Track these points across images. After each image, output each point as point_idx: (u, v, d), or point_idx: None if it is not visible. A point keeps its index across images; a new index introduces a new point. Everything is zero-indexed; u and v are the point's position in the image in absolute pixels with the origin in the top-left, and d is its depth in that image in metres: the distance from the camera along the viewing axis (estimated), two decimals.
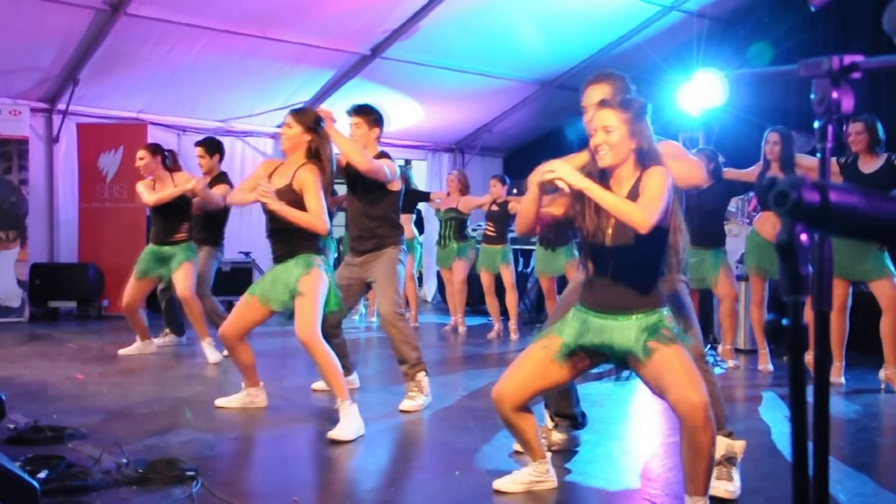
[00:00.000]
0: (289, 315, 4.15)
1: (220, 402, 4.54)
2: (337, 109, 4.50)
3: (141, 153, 6.16)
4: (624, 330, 2.78)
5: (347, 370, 4.72)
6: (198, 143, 6.57)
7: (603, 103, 2.83)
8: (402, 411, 4.46)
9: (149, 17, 7.57)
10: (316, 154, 4.16)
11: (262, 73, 8.96)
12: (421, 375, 4.60)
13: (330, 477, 3.45)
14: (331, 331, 4.54)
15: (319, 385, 4.85)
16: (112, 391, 4.94)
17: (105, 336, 7.44)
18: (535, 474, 3.16)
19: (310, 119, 4.19)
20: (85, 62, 8.11)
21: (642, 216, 2.60)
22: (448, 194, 8.22)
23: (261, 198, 3.97)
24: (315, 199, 4.05)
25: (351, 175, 4.61)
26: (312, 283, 4.04)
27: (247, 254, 9.25)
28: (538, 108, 11.05)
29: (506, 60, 9.69)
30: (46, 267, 8.78)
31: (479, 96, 10.46)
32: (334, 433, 3.85)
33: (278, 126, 10.33)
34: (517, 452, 3.58)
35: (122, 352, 6.24)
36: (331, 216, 4.25)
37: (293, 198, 4.06)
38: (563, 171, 2.65)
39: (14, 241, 8.42)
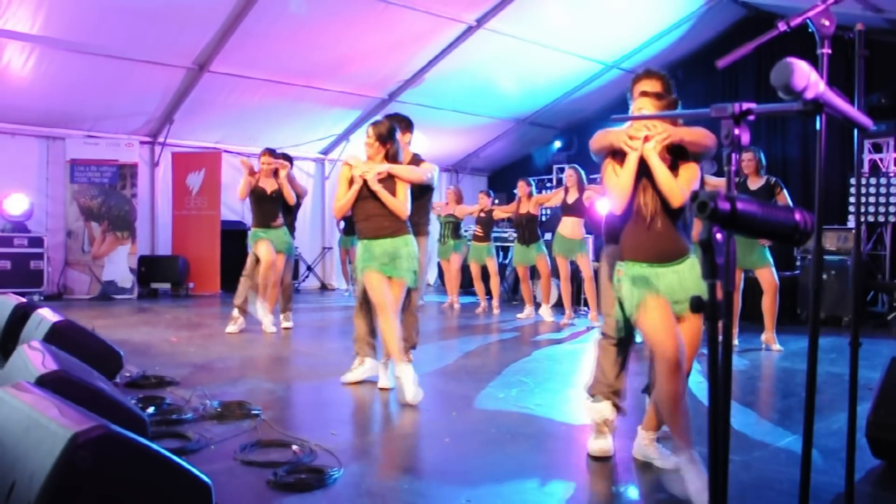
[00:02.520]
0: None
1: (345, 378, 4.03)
2: (363, 139, 4.06)
3: (268, 159, 5.73)
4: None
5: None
6: (284, 156, 6.00)
7: (644, 94, 2.56)
8: (398, 377, 3.94)
9: (225, 73, 7.58)
10: (394, 158, 3.80)
11: (307, 112, 8.94)
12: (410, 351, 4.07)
13: (357, 416, 3.45)
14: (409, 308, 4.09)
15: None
16: (197, 350, 4.93)
17: (191, 310, 7.43)
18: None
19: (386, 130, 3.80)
20: (178, 106, 8.12)
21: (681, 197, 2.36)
22: (447, 203, 8.19)
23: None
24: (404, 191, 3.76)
25: None
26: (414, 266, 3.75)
27: None
28: (514, 139, 11.05)
29: (489, 104, 9.69)
30: (149, 258, 8.78)
31: (469, 130, 10.44)
32: (382, 382, 3.86)
33: (320, 152, 10.34)
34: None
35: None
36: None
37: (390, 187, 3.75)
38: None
39: (127, 239, 8.49)
